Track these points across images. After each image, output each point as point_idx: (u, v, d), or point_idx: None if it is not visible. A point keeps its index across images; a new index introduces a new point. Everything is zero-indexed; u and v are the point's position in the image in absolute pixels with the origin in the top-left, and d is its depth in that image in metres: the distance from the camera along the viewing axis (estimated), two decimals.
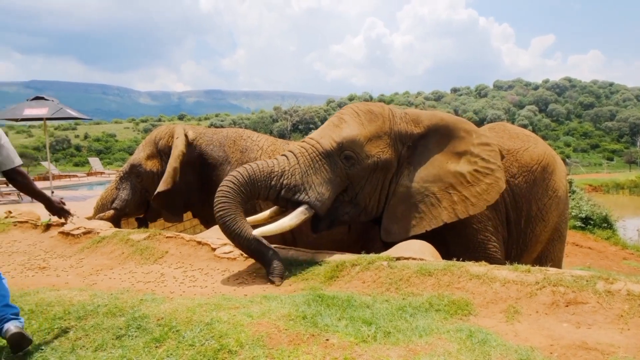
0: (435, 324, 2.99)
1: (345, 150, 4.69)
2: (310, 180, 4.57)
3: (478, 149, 4.93)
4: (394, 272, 3.87)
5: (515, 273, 3.56)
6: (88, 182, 20.13)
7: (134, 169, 6.50)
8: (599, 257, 12.92)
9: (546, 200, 5.61)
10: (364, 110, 4.95)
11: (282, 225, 4.49)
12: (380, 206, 4.93)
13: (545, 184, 5.62)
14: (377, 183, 4.84)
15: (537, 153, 5.67)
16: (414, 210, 4.84)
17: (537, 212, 5.56)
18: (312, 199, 4.52)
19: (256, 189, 4.46)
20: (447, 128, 4.99)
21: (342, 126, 4.85)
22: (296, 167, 4.59)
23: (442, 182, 4.85)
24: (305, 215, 4.52)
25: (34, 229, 6.56)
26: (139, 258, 5.11)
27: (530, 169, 5.54)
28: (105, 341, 2.88)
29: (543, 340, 2.81)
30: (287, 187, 4.52)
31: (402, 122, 4.95)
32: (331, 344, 2.67)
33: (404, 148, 4.91)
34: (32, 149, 55.44)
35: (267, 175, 4.50)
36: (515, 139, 5.79)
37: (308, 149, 4.71)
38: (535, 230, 5.62)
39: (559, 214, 5.88)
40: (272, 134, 51.98)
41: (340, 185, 4.72)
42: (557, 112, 78.31)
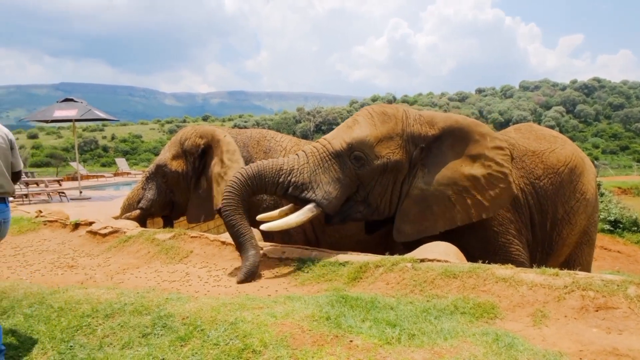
0: (460, 327, 2.95)
1: (354, 150, 4.76)
2: (319, 179, 4.69)
3: (492, 152, 4.88)
4: (418, 273, 3.83)
5: (542, 276, 3.49)
6: (115, 183, 20.47)
7: (160, 169, 6.59)
8: (628, 261, 12.61)
9: (573, 202, 5.49)
10: (377, 112, 5.01)
11: (289, 222, 4.63)
12: (393, 207, 4.95)
13: (572, 187, 5.49)
14: (387, 184, 4.87)
15: (564, 154, 5.55)
16: (428, 212, 4.85)
17: (563, 215, 5.44)
18: (319, 197, 4.64)
19: (263, 184, 4.66)
20: (462, 131, 4.95)
21: (354, 127, 4.93)
22: (305, 166, 4.73)
23: (457, 185, 4.83)
24: (313, 213, 4.64)
25: (63, 228, 6.71)
26: (165, 257, 5.18)
27: (557, 170, 5.43)
28: (132, 339, 2.93)
29: (572, 345, 2.75)
30: (294, 185, 4.66)
31: (416, 123, 4.94)
32: (355, 345, 2.66)
33: (417, 150, 4.89)
34: (61, 150, 56.75)
35: (276, 172, 4.68)
36: (541, 140, 5.69)
37: (319, 149, 4.83)
38: (562, 234, 5.50)
39: (587, 217, 5.74)
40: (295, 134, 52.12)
41: (350, 185, 4.78)
42: (586, 113, 76.67)
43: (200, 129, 6.63)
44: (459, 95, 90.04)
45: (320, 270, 4.34)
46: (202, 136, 6.49)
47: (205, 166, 6.45)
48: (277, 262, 4.72)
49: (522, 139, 5.65)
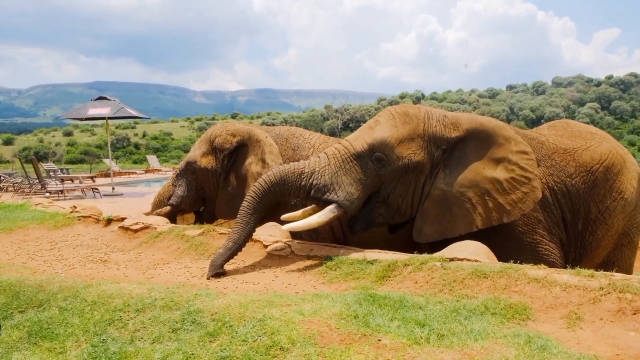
0: (491, 328, 2.89)
1: (375, 151, 4.77)
2: (340, 180, 4.72)
3: (516, 156, 4.79)
4: (448, 273, 3.78)
5: (577, 277, 3.39)
6: (146, 179, 20.85)
7: (190, 166, 6.67)
8: None
9: (609, 202, 5.30)
10: (399, 113, 4.99)
11: (310, 222, 4.69)
12: (414, 207, 4.93)
13: (608, 185, 5.31)
14: (409, 184, 4.85)
15: (599, 152, 5.37)
16: (449, 213, 4.81)
17: (597, 215, 5.27)
18: (340, 198, 4.67)
19: (286, 188, 4.74)
20: (486, 133, 4.87)
21: (375, 128, 4.94)
22: (326, 168, 4.77)
23: (479, 187, 4.76)
24: (334, 214, 4.67)
25: (96, 224, 6.88)
26: (194, 253, 5.24)
27: (590, 169, 5.27)
28: (162, 334, 2.97)
29: (608, 349, 2.67)
30: (316, 187, 4.71)
31: (439, 124, 4.90)
32: (383, 344, 2.64)
33: (439, 150, 4.85)
34: (95, 147, 58.12)
35: (298, 176, 4.75)
36: (576, 137, 5.52)
37: (341, 151, 4.86)
38: (596, 234, 5.32)
39: (626, 217, 5.51)
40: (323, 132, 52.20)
41: (372, 186, 4.79)
42: (622, 110, 74.40)
43: (231, 126, 6.69)
44: (489, 92, 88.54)
45: (348, 269, 4.33)
46: (234, 134, 6.54)
47: (234, 163, 6.50)
48: (304, 260, 4.73)
49: (554, 137, 5.50)
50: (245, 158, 6.42)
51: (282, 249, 4.97)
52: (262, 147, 6.31)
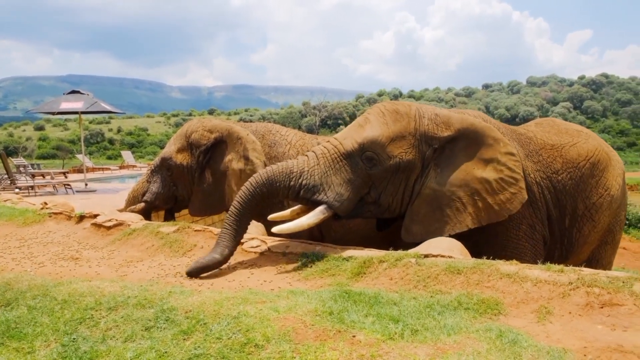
0: (464, 323, 2.93)
1: (366, 150, 4.69)
2: (330, 180, 4.64)
3: (505, 157, 4.81)
4: (422, 269, 3.82)
5: (547, 273, 3.46)
6: (120, 175, 20.52)
7: (165, 162, 6.59)
8: (634, 258, 12.55)
9: (596, 198, 5.34)
10: (390, 110, 4.91)
11: (301, 224, 4.59)
12: (404, 206, 4.89)
13: (594, 182, 5.35)
14: (399, 183, 4.80)
15: (586, 149, 5.41)
16: (438, 213, 4.79)
17: (584, 211, 5.31)
18: (330, 199, 4.59)
19: (274, 189, 4.62)
20: (476, 134, 4.87)
21: (365, 126, 4.84)
22: (315, 168, 4.66)
23: (469, 187, 4.77)
24: (324, 215, 4.60)
25: (68, 220, 6.74)
26: (169, 251, 5.18)
27: (577, 165, 5.31)
28: (135, 332, 2.93)
29: (576, 342, 2.73)
30: (305, 187, 4.61)
31: (431, 123, 4.85)
32: (358, 340, 2.66)
33: (430, 149, 4.81)
34: (68, 142, 57.01)
35: (286, 176, 4.63)
36: (563, 134, 5.56)
37: (330, 150, 4.75)
38: (583, 231, 5.36)
39: (611, 214, 5.55)
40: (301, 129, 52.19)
41: (362, 186, 4.72)
42: (593, 109, 76.18)
43: (208, 122, 6.63)
44: (466, 91, 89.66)
45: (324, 265, 4.33)
46: (212, 130, 6.48)
47: (211, 160, 6.44)
48: (280, 257, 4.72)
49: (541, 133, 5.55)
50: (223, 155, 6.37)
51: (258, 246, 4.95)
52: (244, 144, 6.26)
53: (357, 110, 74.24)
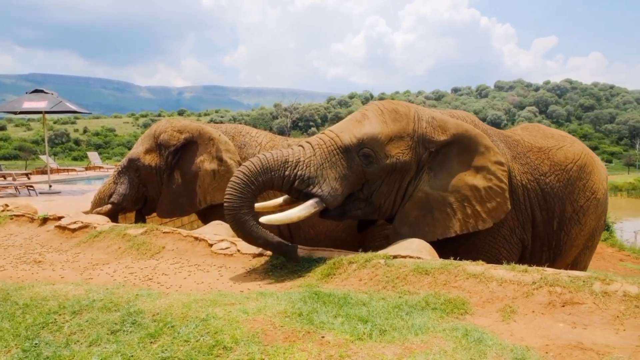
0: (431, 323, 2.98)
1: (364, 147, 4.59)
2: (325, 173, 4.49)
3: (494, 167, 4.83)
4: (391, 270, 3.86)
5: (512, 273, 3.55)
6: (86, 177, 20.05)
7: (133, 164, 6.48)
8: (595, 259, 12.90)
9: (583, 202, 5.37)
10: (388, 109, 4.84)
11: (290, 216, 4.44)
12: (395, 207, 4.83)
13: (582, 184, 5.38)
14: (393, 184, 4.74)
15: (572, 152, 5.46)
16: (429, 217, 4.76)
17: (572, 214, 5.33)
18: (324, 193, 4.45)
19: (270, 179, 4.40)
20: (470, 141, 4.86)
21: (364, 122, 4.73)
22: (312, 159, 4.51)
23: (460, 193, 4.77)
24: (315, 209, 4.45)
25: (30, 223, 6.55)
26: (136, 253, 5.09)
27: (565, 167, 5.34)
28: (100, 336, 2.87)
29: (539, 340, 2.81)
30: (300, 178, 4.44)
31: (429, 126, 4.81)
32: (327, 341, 2.67)
33: (426, 152, 4.77)
34: (31, 143, 55.42)
35: (282, 165, 4.44)
36: (549, 137, 5.62)
37: (327, 142, 4.62)
38: (571, 234, 5.38)
39: (597, 218, 5.58)
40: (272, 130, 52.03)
41: (355, 183, 4.63)
42: (558, 114, 78.37)
43: (177, 123, 6.55)
44: (436, 94, 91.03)
45: (294, 267, 4.33)
46: (181, 131, 6.41)
47: (180, 161, 6.37)
48: (250, 259, 4.69)
49: (529, 136, 5.59)
50: (194, 156, 6.30)
51: (227, 247, 4.92)
52: (216, 145, 6.20)
53: (329, 112, 74.45)
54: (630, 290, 3.16)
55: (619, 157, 65.82)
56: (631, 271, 11.43)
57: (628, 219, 23.74)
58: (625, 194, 42.01)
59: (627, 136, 71.45)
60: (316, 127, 69.46)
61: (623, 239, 16.02)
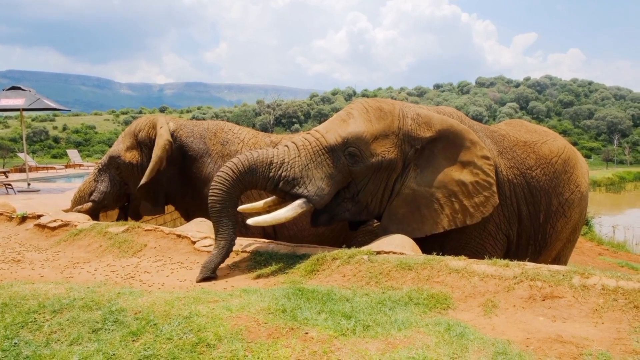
0: (414, 318, 3.00)
1: (349, 146, 4.59)
2: (311, 174, 4.50)
3: (481, 161, 4.87)
4: (374, 266, 3.88)
5: (494, 267, 3.59)
6: (66, 175, 19.79)
7: (113, 161, 6.41)
8: (575, 253, 13.13)
9: (568, 195, 5.44)
10: (373, 107, 4.84)
11: (278, 217, 4.44)
12: (383, 205, 4.84)
13: (567, 178, 5.46)
14: (380, 182, 4.75)
15: (556, 146, 5.54)
16: (417, 213, 4.78)
17: (557, 207, 5.39)
18: (311, 193, 4.45)
19: (255, 179, 4.41)
20: (455, 135, 4.89)
21: (349, 121, 4.74)
22: (296, 160, 4.52)
23: (447, 189, 4.79)
24: (303, 209, 4.45)
25: (9, 221, 6.44)
26: (117, 251, 5.04)
27: (550, 161, 5.41)
28: (81, 335, 2.83)
29: (519, 333, 2.85)
30: (285, 179, 4.45)
31: (414, 123, 4.83)
32: (310, 337, 2.67)
33: (412, 150, 4.79)
34: (9, 140, 54.37)
35: (267, 166, 4.44)
36: (532, 132, 5.71)
37: (312, 142, 4.62)
38: (556, 226, 5.44)
39: (580, 211, 5.65)
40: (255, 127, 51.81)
41: (342, 182, 4.63)
42: (538, 110, 79.40)
43: (156, 119, 6.49)
44: (418, 91, 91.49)
45: (277, 263, 4.33)
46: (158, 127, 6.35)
47: None
48: (234, 255, 4.67)
49: (513, 131, 5.66)
50: None
51: (210, 244, 4.89)
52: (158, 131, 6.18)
53: (312, 109, 74.39)
54: (608, 284, 3.22)
55: (598, 152, 67.04)
56: (609, 265, 11.66)
57: (607, 214, 24.21)
58: (604, 189, 42.81)
59: (605, 132, 72.75)
60: (299, 123, 69.38)
61: (602, 233, 16.34)
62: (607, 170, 53.96)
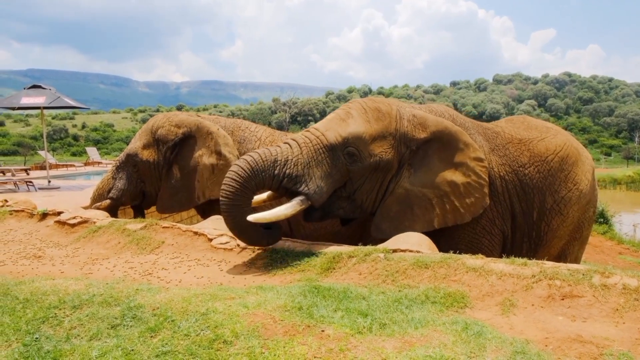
0: (430, 316, 2.98)
1: (349, 146, 4.70)
2: (312, 172, 4.60)
3: (473, 163, 4.94)
4: (391, 264, 3.86)
5: (511, 266, 3.55)
6: (85, 172, 20.05)
7: (131, 159, 6.47)
8: (594, 252, 12.97)
9: (564, 192, 5.40)
10: (372, 108, 4.94)
11: (278, 214, 4.51)
12: (376, 204, 4.96)
13: (563, 176, 5.42)
14: (376, 182, 4.86)
15: (554, 143, 5.49)
16: (409, 212, 4.89)
17: (552, 205, 5.37)
18: (311, 191, 4.56)
19: (261, 180, 4.48)
20: (450, 137, 4.97)
21: (348, 121, 4.83)
22: (299, 157, 4.61)
23: (439, 189, 4.90)
24: (302, 207, 4.56)
25: (30, 218, 6.54)
26: (135, 248, 5.09)
27: (545, 159, 5.39)
28: (100, 330, 2.87)
29: (538, 333, 2.81)
30: (289, 177, 4.54)
31: (410, 124, 4.93)
32: (327, 335, 2.67)
33: (407, 151, 4.90)
34: (30, 138, 55.34)
35: (271, 164, 4.53)
36: (532, 129, 5.65)
37: (312, 140, 4.72)
38: (552, 224, 5.42)
39: (580, 209, 5.59)
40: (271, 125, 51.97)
41: (339, 181, 4.74)
42: (556, 107, 78.30)
43: (175, 117, 6.52)
44: (434, 88, 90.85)
45: (294, 261, 4.34)
46: (179, 125, 6.38)
47: (178, 156, 6.35)
48: (250, 253, 4.69)
49: (510, 128, 5.63)
50: (192, 150, 6.28)
51: (227, 242, 4.92)
52: (215, 139, 6.17)
53: (327, 106, 74.36)
54: (629, 283, 3.16)
55: (618, 150, 65.85)
56: (630, 264, 11.47)
57: (627, 212, 23.80)
58: (624, 187, 42.05)
59: (625, 129, 71.47)
60: (315, 121, 69.02)
61: (622, 232, 16.07)
62: (628, 168, 53.00)
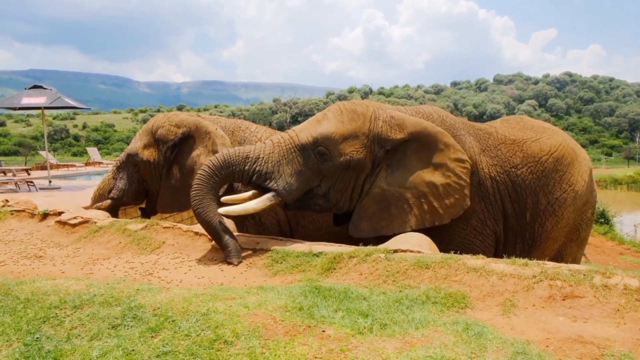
0: (431, 317, 2.98)
1: (319, 145, 4.85)
2: (282, 169, 4.82)
3: (453, 164, 4.94)
4: (391, 264, 3.86)
5: (512, 266, 3.55)
6: (86, 172, 20.06)
7: (131, 159, 6.47)
8: (595, 252, 12.96)
9: (559, 194, 5.34)
10: (348, 109, 5.07)
11: (247, 208, 4.75)
12: (353, 203, 5.03)
13: (558, 176, 5.35)
14: (348, 181, 4.95)
15: (549, 144, 5.43)
16: (386, 212, 4.92)
17: (546, 206, 5.32)
18: (280, 188, 4.78)
19: (231, 172, 4.78)
20: (428, 138, 4.98)
21: (322, 122, 5.01)
22: (270, 155, 4.85)
23: (417, 189, 4.91)
24: (271, 202, 4.78)
25: (30, 218, 6.55)
26: (136, 248, 5.10)
27: (539, 159, 5.34)
28: (101, 330, 2.87)
29: (539, 333, 2.81)
30: (258, 173, 4.80)
31: (385, 125, 4.99)
32: (327, 335, 2.67)
33: (382, 150, 4.96)
34: (30, 138, 55.38)
35: (242, 160, 4.81)
36: (527, 130, 5.59)
37: (286, 140, 4.94)
38: (546, 226, 5.37)
39: (576, 210, 5.51)
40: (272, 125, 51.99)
41: (312, 179, 4.89)
42: (557, 107, 78.26)
43: (175, 117, 6.52)
44: (435, 88, 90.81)
45: (294, 261, 4.34)
46: (179, 125, 6.38)
47: (178, 155, 6.35)
48: (250, 253, 4.70)
49: (504, 129, 5.59)
50: (191, 150, 6.28)
51: None
52: (212, 139, 6.17)
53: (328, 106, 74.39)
54: (630, 284, 3.16)
55: (619, 150, 65.82)
56: (631, 264, 11.47)
57: (628, 212, 23.79)
58: (625, 187, 42.03)
59: (626, 129, 71.43)
60: None
61: (623, 232, 16.05)
62: (629, 169, 52.99)
